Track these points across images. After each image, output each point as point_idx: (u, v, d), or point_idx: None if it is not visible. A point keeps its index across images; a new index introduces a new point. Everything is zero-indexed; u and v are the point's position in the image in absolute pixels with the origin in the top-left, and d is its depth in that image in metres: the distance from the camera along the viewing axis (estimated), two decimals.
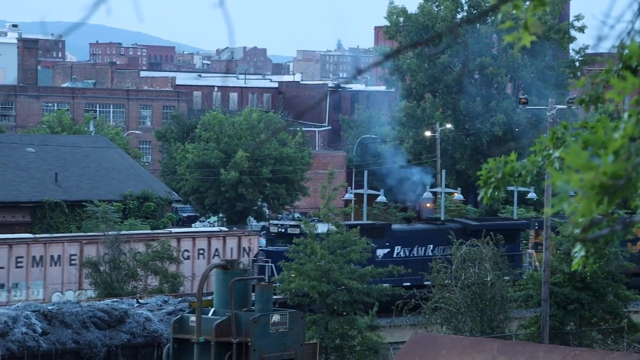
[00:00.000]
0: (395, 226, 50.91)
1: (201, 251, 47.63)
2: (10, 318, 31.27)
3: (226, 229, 52.44)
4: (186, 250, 47.20)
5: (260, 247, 49.93)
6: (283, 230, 47.55)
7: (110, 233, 43.67)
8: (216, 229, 55.43)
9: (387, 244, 48.16)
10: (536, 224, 53.53)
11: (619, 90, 5.93)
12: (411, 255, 48.26)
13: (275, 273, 42.67)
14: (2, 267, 43.38)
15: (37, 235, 43.58)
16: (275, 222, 51.43)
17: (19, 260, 43.38)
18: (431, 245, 48.82)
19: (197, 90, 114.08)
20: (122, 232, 46.03)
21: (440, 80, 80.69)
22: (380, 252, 47.30)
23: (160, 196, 61.37)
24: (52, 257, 44.24)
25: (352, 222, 54.63)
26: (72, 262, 44.38)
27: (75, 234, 48.94)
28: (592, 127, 9.62)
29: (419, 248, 48.88)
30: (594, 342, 39.68)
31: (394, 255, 47.12)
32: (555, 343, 36.74)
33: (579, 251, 7.29)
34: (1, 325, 30.91)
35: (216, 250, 47.65)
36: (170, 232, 49.99)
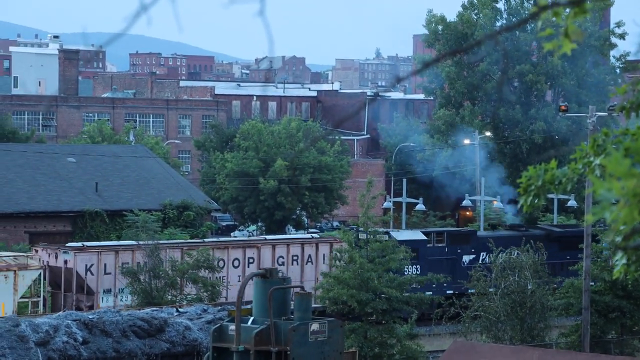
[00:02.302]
0: (480, 233, 51.12)
1: (295, 257, 48.31)
2: (51, 327, 31.47)
3: (318, 236, 52.99)
4: (280, 257, 48.07)
5: None
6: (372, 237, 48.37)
7: (209, 240, 44.90)
8: (308, 235, 56.02)
9: (473, 250, 48.57)
10: None
11: None
12: (496, 260, 48.73)
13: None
14: (109, 273, 44.84)
15: (142, 242, 44.48)
16: (362, 229, 52.19)
17: (125, 265, 44.22)
18: (516, 252, 49.20)
19: (236, 100, 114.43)
20: (213, 240, 47.23)
21: (479, 88, 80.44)
22: (467, 258, 47.64)
23: (199, 205, 61.57)
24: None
25: (438, 229, 54.86)
26: (174, 267, 45.20)
27: (178, 241, 50.07)
28: (633, 135, 9.55)
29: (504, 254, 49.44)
30: (636, 350, 39.32)
31: (480, 261, 47.18)
32: (596, 351, 36.46)
33: (620, 259, 7.23)
34: (43, 334, 31.13)
35: (309, 256, 48.20)
36: (265, 239, 51.12)
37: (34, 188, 59.54)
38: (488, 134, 77.26)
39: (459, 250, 49.42)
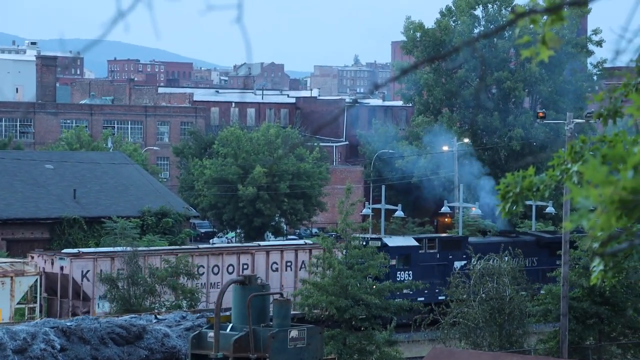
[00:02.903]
0: (472, 239, 51.43)
1: (289, 263, 48.52)
2: (29, 334, 31.33)
3: (311, 242, 53.27)
4: (274, 263, 48.39)
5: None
6: (365, 243, 48.65)
7: (215, 245, 44.97)
8: (302, 242, 56.21)
9: (464, 256, 48.78)
10: None
11: (638, 105, 5.92)
12: (487, 266, 49.13)
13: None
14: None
15: (140, 249, 44.64)
16: (356, 235, 52.63)
17: (120, 272, 44.16)
18: (506, 258, 49.56)
19: (215, 106, 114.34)
20: (208, 246, 47.26)
21: (457, 95, 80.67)
22: (458, 264, 47.79)
23: (178, 212, 61.47)
24: (158, 269, 45.17)
25: (430, 235, 55.08)
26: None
27: (172, 247, 50.29)
28: (610, 142, 9.60)
29: (494, 260, 49.80)
30: (614, 356, 39.47)
31: (471, 267, 47.51)
32: (575, 358, 36.58)
33: (597, 265, 7.27)
34: (20, 341, 30.98)
35: (303, 262, 48.39)
36: (260, 245, 51.41)
37: (11, 195, 59.30)
38: (466, 140, 77.46)
39: (450, 257, 49.58)
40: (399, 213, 67.51)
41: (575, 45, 79.30)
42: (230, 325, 27.25)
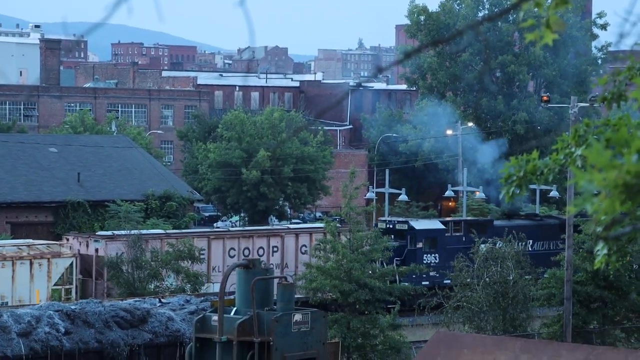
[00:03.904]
0: (497, 222, 51.60)
1: None
2: (33, 318, 31.40)
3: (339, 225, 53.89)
4: (303, 245, 48.85)
5: None
6: (391, 226, 49.07)
7: (234, 229, 45.33)
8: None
9: (490, 239, 49.13)
10: None
11: None
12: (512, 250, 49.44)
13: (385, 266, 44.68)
14: None
15: (169, 231, 45.02)
16: (383, 218, 52.93)
17: (153, 254, 44.44)
18: (531, 241, 49.79)
19: (219, 90, 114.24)
20: (240, 229, 47.64)
21: (461, 79, 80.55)
22: (483, 247, 48.16)
23: (182, 196, 61.49)
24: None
25: (456, 218, 55.33)
26: (201, 256, 45.86)
27: (203, 230, 50.78)
28: (614, 125, 9.58)
29: (519, 243, 50.13)
30: (617, 340, 39.50)
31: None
32: (578, 342, 36.60)
33: (601, 249, 7.26)
34: (25, 324, 31.05)
35: None
36: (289, 228, 52.11)
37: (15, 178, 59.32)
38: (470, 124, 77.37)
39: (476, 240, 50.02)
40: (403, 197, 67.53)
41: (580, 28, 79.10)
42: (234, 308, 27.28)
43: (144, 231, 46.66)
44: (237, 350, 26.57)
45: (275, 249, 48.41)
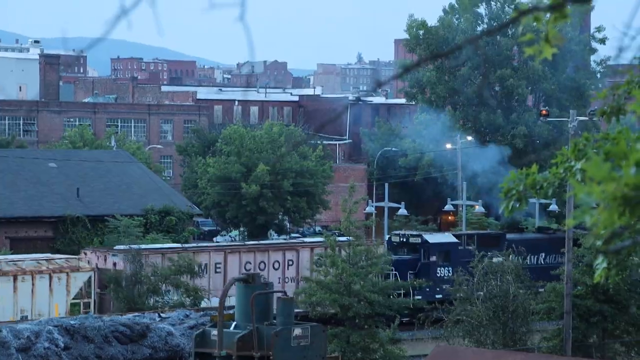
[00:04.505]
0: (509, 235, 51.67)
1: None
2: (32, 333, 31.35)
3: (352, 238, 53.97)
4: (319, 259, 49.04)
5: None
6: (405, 240, 49.16)
7: (250, 243, 45.87)
8: (344, 238, 56.98)
9: (502, 252, 49.31)
10: None
11: None
12: (524, 263, 49.40)
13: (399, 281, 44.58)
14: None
15: (186, 245, 45.26)
16: (397, 232, 53.05)
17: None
18: (543, 254, 49.88)
19: (218, 105, 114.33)
20: (254, 242, 48.02)
21: (460, 93, 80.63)
22: (496, 261, 48.31)
23: (181, 210, 61.48)
24: (199, 265, 46.24)
25: (467, 232, 55.46)
26: (217, 270, 46.04)
27: (220, 244, 51.01)
28: (613, 139, 9.59)
29: (532, 257, 50.16)
30: (617, 354, 39.45)
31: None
32: (578, 356, 36.57)
33: (601, 263, 7.26)
34: (24, 340, 31.00)
35: None
36: (304, 242, 52.40)
37: (14, 193, 59.32)
38: (470, 138, 77.42)
39: (489, 253, 50.10)
40: (402, 211, 67.50)
41: (579, 42, 79.22)
42: (234, 323, 27.26)
43: (160, 245, 47.04)
44: None
45: (290, 263, 48.68)
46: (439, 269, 48.67)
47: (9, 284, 42.24)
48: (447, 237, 51.01)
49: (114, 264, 45.22)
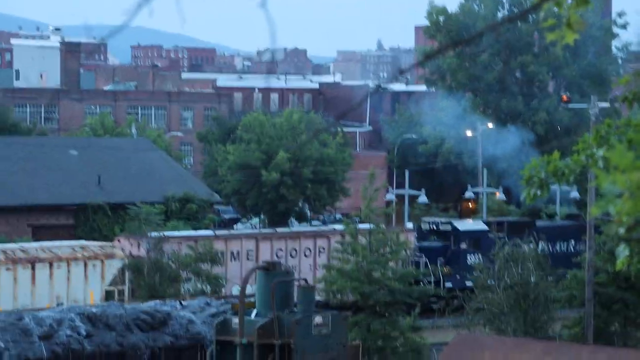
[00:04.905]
0: (539, 222, 51.63)
1: None
2: (55, 321, 31.47)
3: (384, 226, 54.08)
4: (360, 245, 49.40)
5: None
6: (435, 227, 49.30)
7: (281, 230, 46.09)
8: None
9: (532, 239, 49.31)
10: None
11: None
12: (554, 250, 49.28)
13: (429, 267, 45.06)
14: None
15: (218, 232, 45.50)
16: (427, 219, 53.17)
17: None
18: (573, 241, 49.86)
19: (238, 92, 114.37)
20: (286, 230, 48.57)
21: (480, 79, 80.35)
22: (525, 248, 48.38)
23: (202, 198, 61.55)
24: (232, 252, 46.71)
25: (499, 218, 55.45)
26: (249, 257, 46.42)
27: (252, 231, 51.30)
28: (635, 126, 9.50)
29: (562, 243, 50.11)
30: (639, 342, 39.29)
31: (539, 251, 47.66)
32: (600, 343, 36.44)
33: (623, 250, 7.20)
34: (46, 327, 31.13)
35: None
36: (335, 230, 52.82)
37: (36, 181, 59.54)
38: (490, 125, 77.17)
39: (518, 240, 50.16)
40: (423, 198, 67.40)
41: (600, 28, 78.79)
42: (255, 311, 27.27)
43: (193, 232, 47.20)
44: (258, 352, 26.56)
45: (322, 250, 48.82)
46: (469, 256, 48.65)
47: (46, 271, 42.61)
48: (477, 225, 50.96)
49: (147, 251, 45.48)
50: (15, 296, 41.82)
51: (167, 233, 46.60)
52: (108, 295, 43.35)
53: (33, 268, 42.46)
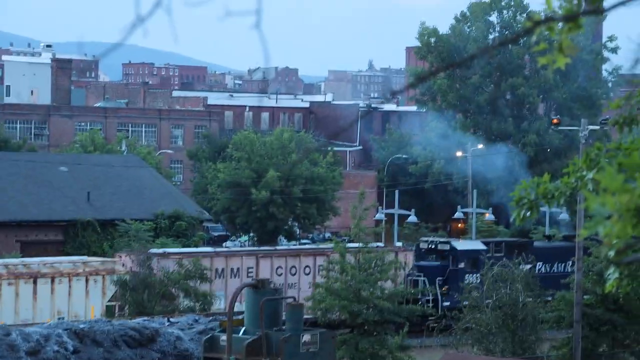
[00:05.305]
0: (537, 243, 51.82)
1: None
2: (42, 336, 31.41)
3: (382, 245, 53.82)
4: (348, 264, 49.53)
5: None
6: (433, 246, 49.38)
7: (281, 248, 46.32)
8: (374, 244, 57.06)
9: (529, 260, 49.33)
10: None
11: None
12: (551, 271, 49.35)
13: (427, 286, 45.11)
14: None
15: (218, 250, 45.64)
16: (425, 238, 53.27)
17: (204, 271, 44.83)
18: (570, 262, 50.02)
19: (229, 110, 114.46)
20: (285, 247, 48.51)
21: (471, 101, 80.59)
22: (523, 268, 48.41)
23: (191, 215, 61.54)
24: (232, 269, 46.86)
25: (497, 239, 55.58)
26: (249, 274, 46.40)
27: (252, 248, 51.39)
28: (626, 149, 9.59)
29: (559, 264, 50.18)
30: None
31: (536, 271, 47.64)
32: None
33: (612, 273, 7.27)
34: (33, 343, 31.06)
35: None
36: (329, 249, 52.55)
37: (25, 197, 59.47)
38: (480, 146, 77.39)
39: (516, 261, 50.21)
40: (412, 218, 67.44)
41: (590, 51, 79.15)
42: (243, 328, 27.27)
43: (194, 249, 47.30)
44: None
45: (321, 267, 48.89)
46: (467, 275, 48.74)
47: (47, 286, 42.78)
48: (475, 244, 51.06)
49: (149, 267, 45.51)
50: (17, 311, 41.93)
51: (168, 250, 46.73)
52: (108, 311, 43.45)
53: (35, 283, 42.67)
